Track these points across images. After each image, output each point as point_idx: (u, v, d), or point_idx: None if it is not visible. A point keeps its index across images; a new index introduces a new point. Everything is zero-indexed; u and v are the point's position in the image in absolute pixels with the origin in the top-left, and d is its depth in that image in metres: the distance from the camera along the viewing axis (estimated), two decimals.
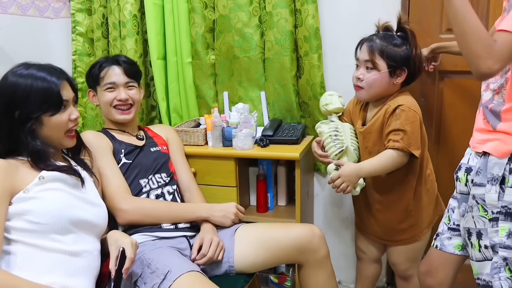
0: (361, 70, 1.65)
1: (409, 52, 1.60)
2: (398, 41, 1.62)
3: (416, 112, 1.58)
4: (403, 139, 1.54)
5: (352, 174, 1.60)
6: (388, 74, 1.60)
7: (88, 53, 2.37)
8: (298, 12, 2.01)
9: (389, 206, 1.71)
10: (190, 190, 1.80)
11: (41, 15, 2.37)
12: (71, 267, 1.23)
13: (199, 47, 2.18)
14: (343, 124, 1.78)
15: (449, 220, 1.56)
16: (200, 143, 2.02)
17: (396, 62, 1.59)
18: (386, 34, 1.65)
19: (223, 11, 2.10)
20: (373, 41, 1.61)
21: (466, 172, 1.43)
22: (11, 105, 1.25)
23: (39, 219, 1.19)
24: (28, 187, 1.22)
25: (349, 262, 2.30)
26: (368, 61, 1.61)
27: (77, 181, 1.35)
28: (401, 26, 1.65)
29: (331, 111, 1.82)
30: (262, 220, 1.98)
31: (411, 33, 1.62)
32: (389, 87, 1.63)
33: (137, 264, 1.43)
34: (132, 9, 2.18)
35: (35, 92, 1.25)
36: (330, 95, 1.85)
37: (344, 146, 1.70)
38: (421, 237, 1.74)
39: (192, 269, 1.37)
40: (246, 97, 2.20)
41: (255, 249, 1.60)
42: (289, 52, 2.03)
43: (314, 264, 1.62)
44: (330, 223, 2.27)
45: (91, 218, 1.32)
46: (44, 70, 1.29)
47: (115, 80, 1.72)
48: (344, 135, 1.73)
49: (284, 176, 2.11)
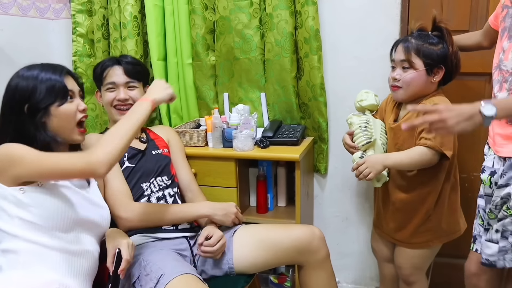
0: (397, 70, 1.63)
1: (445, 50, 1.59)
2: (434, 40, 1.60)
3: None
4: (436, 138, 1.50)
5: (378, 161, 1.57)
6: (425, 72, 1.59)
7: (89, 54, 2.37)
8: (298, 14, 2.01)
9: (410, 206, 1.67)
10: (191, 190, 1.81)
11: (41, 16, 2.37)
12: (72, 266, 1.24)
13: (199, 48, 2.18)
14: (374, 119, 1.77)
15: (482, 221, 1.57)
16: (200, 144, 2.02)
17: (433, 60, 1.58)
18: (421, 33, 1.64)
19: (223, 12, 2.11)
20: (409, 41, 1.60)
21: (490, 175, 1.44)
22: (20, 100, 1.27)
23: (45, 213, 1.20)
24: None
25: (349, 263, 2.31)
26: (405, 61, 1.60)
27: (83, 181, 1.36)
28: (436, 25, 1.63)
29: (365, 107, 1.82)
30: (262, 221, 1.98)
31: (447, 31, 1.61)
32: (427, 86, 1.62)
33: (136, 266, 1.44)
34: (133, 10, 2.18)
35: (41, 84, 1.28)
36: (366, 93, 1.84)
37: (372, 138, 1.68)
38: (432, 245, 1.71)
39: (185, 272, 1.37)
40: (246, 98, 2.20)
41: (255, 250, 1.60)
42: (289, 54, 2.03)
43: (314, 265, 1.63)
44: (330, 224, 2.28)
45: (95, 218, 1.33)
46: (48, 66, 1.34)
47: (115, 80, 1.73)
48: (374, 128, 1.72)
49: (284, 177, 2.11)
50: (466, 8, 1.87)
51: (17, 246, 1.19)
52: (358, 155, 1.68)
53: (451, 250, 1.87)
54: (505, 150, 1.40)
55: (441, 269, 2.16)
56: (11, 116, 1.29)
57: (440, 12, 1.91)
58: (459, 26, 1.87)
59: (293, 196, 2.08)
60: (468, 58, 1.86)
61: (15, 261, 1.18)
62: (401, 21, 1.98)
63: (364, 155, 1.68)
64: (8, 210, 1.19)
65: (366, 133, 1.69)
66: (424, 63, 1.58)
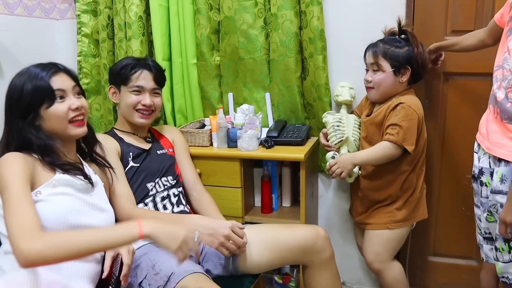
0: (369, 73, 1.80)
1: (410, 52, 1.73)
2: (400, 43, 1.75)
3: (416, 111, 1.68)
4: (399, 133, 1.66)
5: (347, 161, 1.73)
6: (393, 73, 1.74)
7: (93, 54, 2.38)
8: (303, 14, 2.01)
9: (376, 192, 1.83)
10: (196, 190, 1.81)
11: (46, 16, 2.38)
12: (74, 269, 1.24)
13: (204, 49, 2.18)
14: (348, 116, 1.91)
15: (480, 230, 1.58)
16: (205, 144, 2.03)
17: (399, 62, 1.73)
18: (389, 38, 1.80)
19: (228, 12, 2.11)
20: (377, 46, 1.77)
21: (490, 176, 1.44)
22: (13, 105, 1.29)
23: (45, 223, 1.19)
24: (40, 189, 1.22)
25: (354, 263, 2.30)
26: (373, 64, 1.76)
27: (88, 185, 1.35)
28: (401, 29, 1.79)
29: (341, 102, 2.00)
30: (267, 221, 1.98)
31: (411, 34, 1.76)
32: (396, 86, 1.76)
33: (142, 265, 1.44)
34: (138, 10, 2.19)
35: (27, 88, 1.27)
36: (342, 87, 2.02)
37: (344, 137, 1.83)
38: (393, 227, 1.80)
39: (195, 271, 1.37)
40: (251, 98, 2.20)
41: (260, 250, 1.60)
42: (294, 54, 2.03)
43: (318, 265, 1.62)
44: (335, 224, 2.28)
45: (96, 224, 1.31)
46: (38, 67, 1.32)
47: (144, 84, 1.71)
48: (346, 126, 1.86)
49: (289, 177, 2.11)
50: (472, 7, 1.86)
51: None
52: (330, 155, 1.85)
53: (450, 251, 1.88)
54: (503, 151, 1.38)
55: (440, 269, 2.16)
56: (10, 121, 1.29)
57: (445, 12, 1.91)
58: (464, 25, 1.87)
59: (297, 196, 2.08)
60: (473, 59, 1.87)
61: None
62: (406, 21, 1.98)
63: (336, 155, 1.84)
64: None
65: (338, 132, 1.85)
66: (391, 65, 1.73)
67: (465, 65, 1.92)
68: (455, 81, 1.98)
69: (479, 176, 1.51)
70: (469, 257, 2.09)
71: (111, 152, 1.63)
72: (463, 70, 1.93)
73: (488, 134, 1.45)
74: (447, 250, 2.13)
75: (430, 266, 2.17)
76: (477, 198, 1.59)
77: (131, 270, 1.28)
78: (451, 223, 1.86)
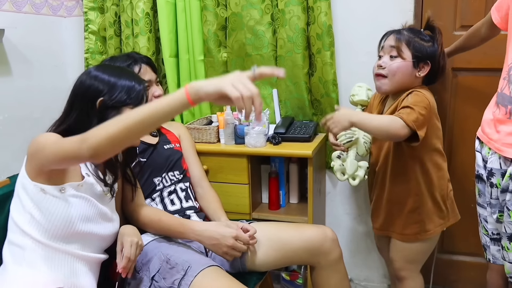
0: (384, 58, 1.62)
1: (435, 49, 1.60)
2: (425, 37, 1.61)
3: (429, 100, 1.53)
4: (410, 114, 1.46)
5: (344, 116, 1.49)
6: (412, 64, 1.58)
7: (101, 51, 2.38)
8: (311, 10, 2.00)
9: (399, 198, 1.66)
10: (202, 186, 1.80)
11: (54, 14, 2.39)
12: (75, 268, 1.24)
13: (211, 45, 2.18)
14: None
15: (486, 231, 1.55)
16: (212, 140, 2.02)
17: (422, 54, 1.58)
18: (414, 29, 1.65)
19: (235, 8, 2.10)
20: (401, 33, 1.61)
21: (501, 177, 1.42)
22: (94, 92, 1.27)
23: (52, 222, 1.20)
24: (65, 186, 1.22)
25: (361, 260, 2.30)
26: (394, 48, 1.59)
27: (107, 194, 1.35)
28: (429, 23, 1.64)
29: (356, 102, 1.88)
30: (274, 217, 1.98)
31: (439, 30, 1.62)
32: (411, 79, 1.60)
33: (154, 260, 1.44)
34: (145, 7, 2.19)
35: (123, 84, 1.29)
36: (359, 87, 1.89)
37: (353, 138, 1.73)
38: (421, 238, 1.66)
39: (212, 264, 1.38)
40: None
41: (266, 250, 1.59)
42: (301, 50, 2.02)
43: (326, 267, 1.60)
44: (342, 221, 2.27)
45: (101, 232, 1.31)
46: (127, 70, 1.39)
47: (150, 77, 1.71)
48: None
49: (296, 173, 2.11)
50: (481, 2, 1.85)
51: (23, 243, 1.19)
52: (336, 154, 1.77)
53: (458, 248, 1.87)
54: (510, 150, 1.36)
55: (448, 267, 2.15)
56: (81, 106, 1.28)
57: (454, 6, 1.90)
58: (474, 20, 1.84)
59: (305, 193, 2.07)
60: (482, 54, 1.85)
61: (20, 257, 1.19)
62: (414, 16, 1.96)
63: (342, 154, 1.75)
64: (24, 202, 1.20)
65: (348, 132, 1.71)
66: (413, 55, 1.57)
67: (474, 60, 1.90)
68: (464, 77, 1.96)
69: (488, 177, 1.48)
70: (477, 254, 2.07)
71: None
72: (472, 65, 1.91)
73: (500, 134, 1.42)
74: (456, 248, 2.12)
75: (438, 263, 2.16)
76: (482, 198, 1.57)
77: (131, 263, 1.28)
78: (460, 220, 1.84)
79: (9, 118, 2.12)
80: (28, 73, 2.19)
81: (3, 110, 2.10)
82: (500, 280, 1.60)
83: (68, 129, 1.26)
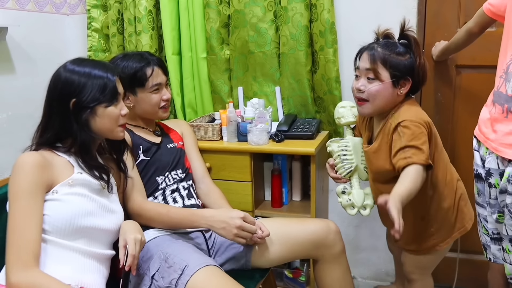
0: (361, 80, 1.50)
1: (413, 61, 1.48)
2: (401, 50, 1.49)
3: (420, 124, 1.42)
4: (415, 154, 1.36)
5: (395, 202, 1.24)
6: (392, 84, 1.47)
7: (104, 49, 2.39)
8: (314, 7, 2.00)
9: (407, 216, 1.41)
10: (204, 183, 1.81)
11: (57, 12, 2.39)
12: (83, 264, 1.25)
13: (214, 42, 2.18)
14: (353, 140, 1.69)
15: (486, 230, 1.55)
16: (215, 138, 2.02)
17: (400, 71, 1.46)
18: (387, 42, 1.52)
19: (238, 6, 2.10)
20: (375, 50, 1.48)
21: (500, 177, 1.41)
22: (67, 94, 1.26)
23: (55, 221, 1.20)
24: (57, 188, 1.23)
25: (364, 258, 2.29)
26: (370, 70, 1.47)
27: (104, 187, 1.35)
28: (404, 33, 1.53)
29: (344, 124, 1.77)
30: (277, 215, 1.98)
31: (414, 41, 1.50)
32: (393, 99, 1.50)
33: (154, 258, 1.44)
34: (148, 4, 2.19)
35: (93, 82, 1.27)
36: (342, 107, 1.78)
37: (352, 167, 1.66)
38: (439, 249, 1.60)
39: (209, 263, 1.38)
40: (261, 92, 2.20)
41: (271, 244, 1.60)
42: (304, 47, 2.02)
43: (329, 260, 1.62)
44: (345, 218, 2.26)
45: (106, 226, 1.31)
46: (100, 64, 1.33)
47: (161, 81, 1.69)
48: (354, 152, 1.67)
49: (299, 171, 2.11)
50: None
51: None
52: (341, 189, 1.65)
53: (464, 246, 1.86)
54: (510, 151, 1.35)
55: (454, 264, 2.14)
56: (58, 109, 1.28)
57: (458, 3, 1.88)
58: None
59: (308, 190, 2.07)
60: (486, 50, 1.83)
61: None
62: (418, 13, 1.95)
63: (347, 188, 1.65)
64: None
65: (346, 162, 1.67)
66: (391, 74, 1.46)
67: (478, 57, 1.89)
68: (468, 74, 1.95)
69: (487, 177, 1.47)
70: (482, 253, 2.06)
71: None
72: (476, 62, 1.90)
73: (497, 134, 1.42)
74: (461, 245, 2.11)
75: (444, 261, 2.15)
76: (482, 198, 1.56)
77: (136, 260, 1.27)
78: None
79: (12, 116, 2.12)
80: (31, 71, 2.19)
81: (6, 108, 2.10)
82: (501, 280, 1.60)
83: (57, 136, 1.28)
